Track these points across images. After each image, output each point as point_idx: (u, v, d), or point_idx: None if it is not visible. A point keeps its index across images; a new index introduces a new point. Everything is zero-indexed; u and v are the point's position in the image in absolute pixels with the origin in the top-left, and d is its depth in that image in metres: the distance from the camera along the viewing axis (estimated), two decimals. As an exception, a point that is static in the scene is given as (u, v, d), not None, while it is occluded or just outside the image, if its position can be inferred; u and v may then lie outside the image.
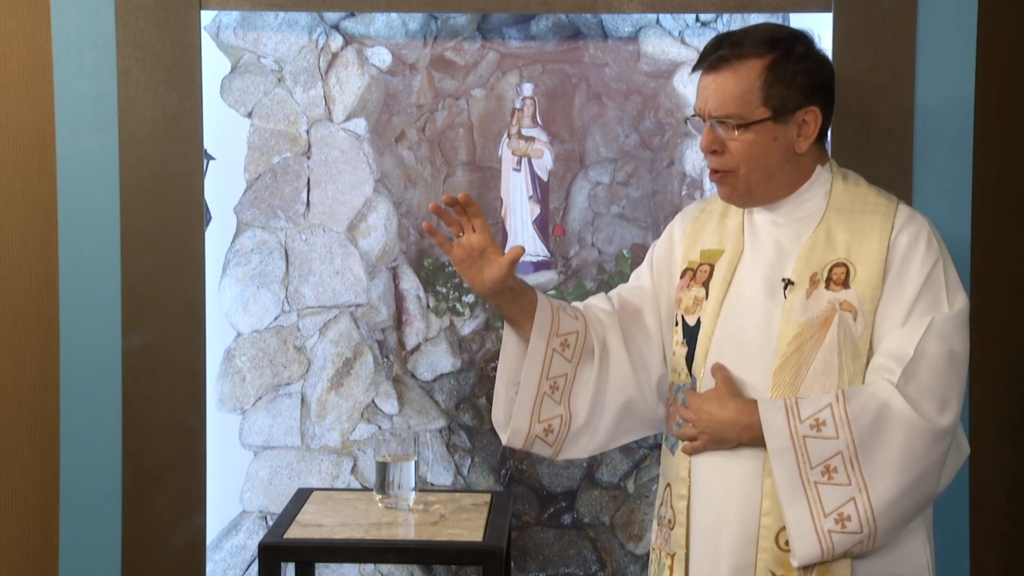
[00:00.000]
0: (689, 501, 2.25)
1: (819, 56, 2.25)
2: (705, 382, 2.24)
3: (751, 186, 2.21)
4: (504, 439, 2.36)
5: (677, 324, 2.33)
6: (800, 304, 2.18)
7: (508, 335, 2.35)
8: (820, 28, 2.86)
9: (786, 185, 2.24)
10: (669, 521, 2.28)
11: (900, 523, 2.14)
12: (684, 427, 2.25)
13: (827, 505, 2.11)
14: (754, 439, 2.15)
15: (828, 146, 2.85)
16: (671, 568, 2.27)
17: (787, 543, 2.14)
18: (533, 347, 2.30)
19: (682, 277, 2.34)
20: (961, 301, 2.18)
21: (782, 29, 2.28)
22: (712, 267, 2.30)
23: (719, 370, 2.22)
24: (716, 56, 2.19)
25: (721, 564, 2.19)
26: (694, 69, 2.25)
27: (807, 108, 2.19)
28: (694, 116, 2.24)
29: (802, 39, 2.24)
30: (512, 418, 2.34)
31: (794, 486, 2.11)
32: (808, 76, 2.20)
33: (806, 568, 2.14)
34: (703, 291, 2.29)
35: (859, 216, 2.22)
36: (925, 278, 2.16)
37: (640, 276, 2.45)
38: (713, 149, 2.20)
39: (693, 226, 2.38)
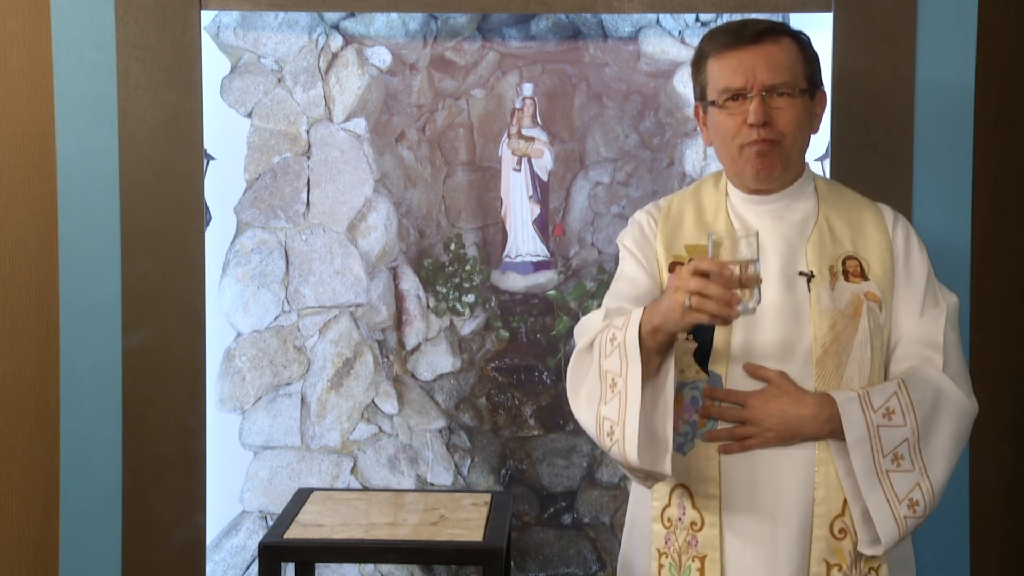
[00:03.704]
0: (720, 500, 2.23)
1: None
2: (732, 380, 2.21)
3: (791, 159, 2.25)
4: (667, 468, 2.15)
5: None
6: (827, 295, 2.22)
7: (632, 378, 2.14)
8: (820, 28, 2.87)
9: (796, 171, 2.29)
10: (693, 523, 2.25)
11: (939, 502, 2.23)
12: (715, 428, 2.22)
13: (899, 492, 2.16)
14: (834, 431, 2.17)
15: (830, 148, 2.88)
16: (702, 571, 2.25)
17: (841, 531, 2.18)
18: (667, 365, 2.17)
19: (671, 271, 2.30)
20: (951, 293, 2.30)
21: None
22: None
23: (758, 368, 2.20)
24: (756, 30, 2.21)
25: (780, 560, 2.20)
26: (722, 49, 2.22)
27: (821, 90, 2.29)
28: (736, 96, 2.20)
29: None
30: (662, 435, 2.16)
31: (870, 475, 2.16)
32: (818, 62, 2.29)
33: (858, 555, 2.19)
34: None
35: (848, 210, 2.30)
36: (928, 270, 2.28)
37: (631, 276, 2.33)
38: (765, 121, 2.20)
39: (665, 222, 2.34)
